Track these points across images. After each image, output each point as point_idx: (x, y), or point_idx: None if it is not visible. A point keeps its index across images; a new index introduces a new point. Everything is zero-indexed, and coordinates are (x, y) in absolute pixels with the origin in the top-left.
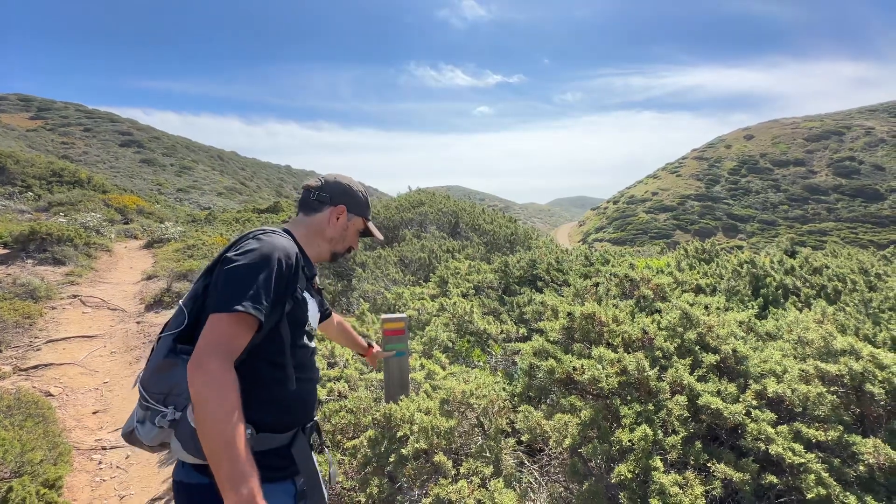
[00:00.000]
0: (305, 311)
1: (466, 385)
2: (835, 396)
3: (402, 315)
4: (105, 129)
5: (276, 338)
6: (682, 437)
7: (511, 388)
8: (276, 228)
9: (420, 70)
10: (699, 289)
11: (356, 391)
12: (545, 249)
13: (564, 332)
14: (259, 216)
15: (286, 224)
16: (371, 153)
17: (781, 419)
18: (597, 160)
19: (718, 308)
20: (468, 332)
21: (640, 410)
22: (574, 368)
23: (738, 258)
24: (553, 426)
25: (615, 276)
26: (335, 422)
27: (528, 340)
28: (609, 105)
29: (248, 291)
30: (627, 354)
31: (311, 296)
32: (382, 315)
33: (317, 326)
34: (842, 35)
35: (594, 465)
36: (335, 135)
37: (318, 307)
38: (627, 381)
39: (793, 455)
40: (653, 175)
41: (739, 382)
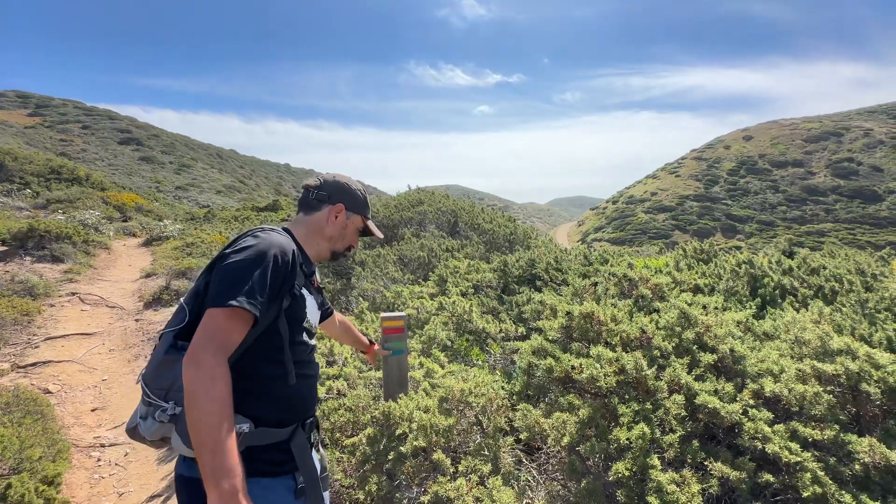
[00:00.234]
0: (303, 308)
1: (465, 383)
2: (831, 396)
3: (402, 314)
4: (104, 127)
5: (275, 334)
6: (680, 436)
7: (510, 387)
8: (275, 227)
9: (420, 69)
10: (697, 289)
11: (355, 389)
12: (544, 249)
13: (563, 331)
14: (258, 214)
15: (286, 223)
16: (370, 152)
17: (778, 418)
18: (596, 160)
19: (716, 308)
20: (467, 331)
21: (638, 409)
22: (572, 367)
23: (737, 258)
24: (551, 424)
25: (614, 276)
26: (334, 420)
27: (527, 339)
28: (608, 105)
29: (244, 287)
30: (626, 353)
31: (310, 293)
32: (382, 313)
33: (317, 324)
34: (841, 36)
35: (592, 464)
36: (334, 133)
37: (318, 305)
38: (625, 380)
39: (789, 454)
40: (652, 175)
41: (737, 382)
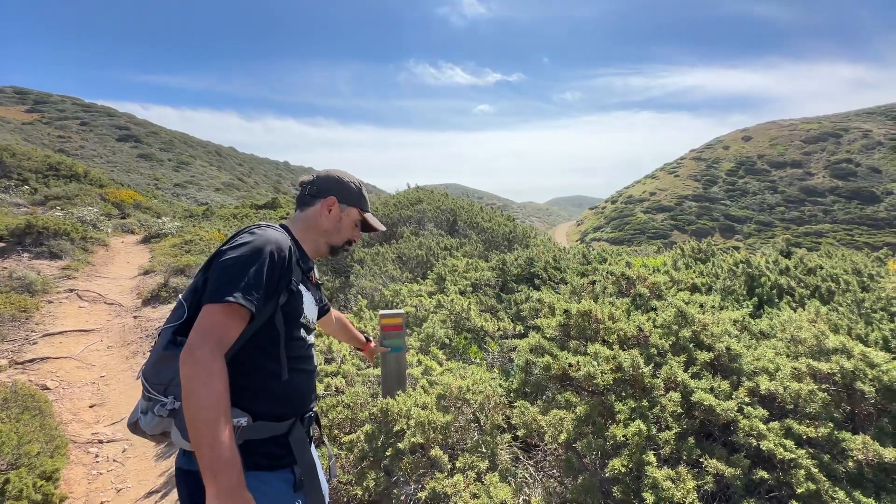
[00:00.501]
0: (301, 304)
1: (463, 381)
2: (826, 394)
3: (400, 311)
4: (102, 124)
5: (271, 330)
6: (676, 433)
7: (507, 385)
8: (272, 223)
9: (419, 67)
10: (695, 288)
11: (353, 386)
12: (543, 248)
13: (561, 329)
14: (257, 212)
15: (284, 220)
16: (370, 150)
17: (773, 416)
18: (595, 160)
19: (713, 307)
20: (465, 329)
21: (635, 406)
22: (570, 365)
23: (734, 258)
24: (549, 421)
25: (612, 275)
26: (332, 416)
27: (525, 337)
28: (608, 105)
29: (240, 283)
30: (623, 351)
31: (308, 289)
32: (380, 311)
33: (315, 320)
34: (840, 37)
35: (588, 461)
36: (334, 131)
37: (316, 301)
38: (622, 378)
39: (784, 451)
40: (651, 175)
41: (733, 380)
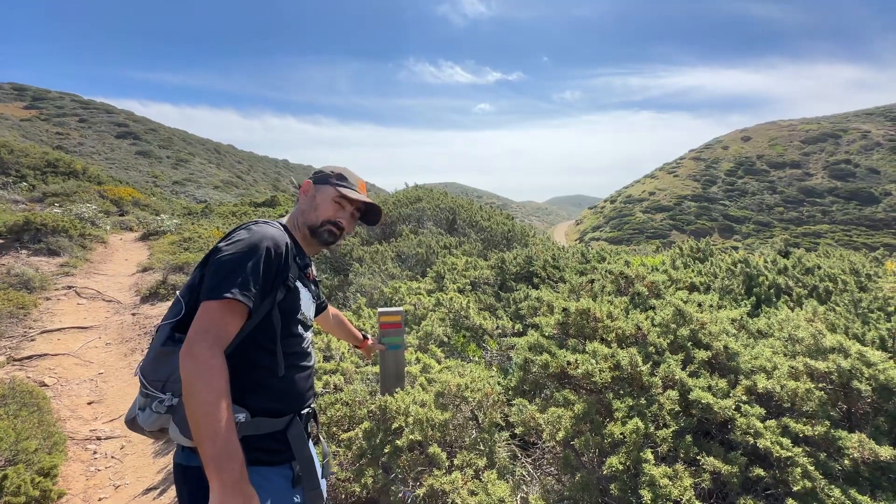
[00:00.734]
0: (298, 301)
1: (461, 379)
2: (823, 393)
3: (399, 308)
4: (101, 121)
5: (268, 326)
6: (673, 431)
7: (505, 383)
8: (270, 220)
9: (419, 66)
10: (693, 287)
11: (352, 384)
12: (542, 247)
13: (559, 328)
14: (256, 210)
15: (282, 218)
16: (369, 148)
17: (770, 414)
18: (595, 159)
19: (711, 306)
20: (464, 327)
21: (633, 404)
22: (568, 363)
23: (732, 258)
24: (547, 419)
25: (610, 273)
26: (331, 414)
27: (524, 336)
28: (607, 104)
29: (237, 279)
30: (621, 350)
31: (305, 286)
32: (379, 308)
33: (312, 317)
34: (840, 38)
35: (586, 458)
36: (333, 129)
37: (313, 297)
38: (620, 376)
39: (780, 449)
40: (650, 175)
41: (730, 378)
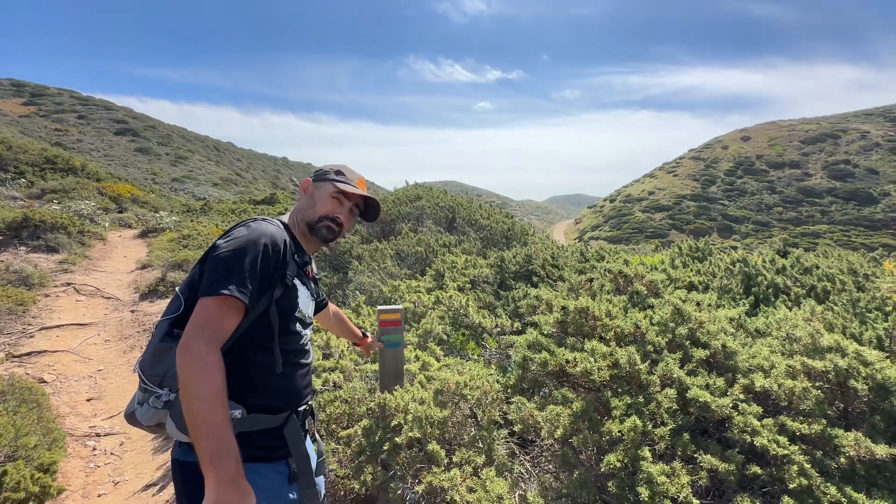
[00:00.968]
0: (295, 298)
1: (461, 376)
2: (820, 392)
3: (399, 306)
4: (99, 117)
5: (266, 323)
6: (671, 429)
7: (504, 381)
8: (269, 217)
9: (419, 64)
10: (692, 286)
11: (351, 382)
12: (541, 245)
13: (558, 326)
14: (255, 207)
15: (282, 216)
16: (369, 146)
17: (767, 413)
18: (594, 158)
19: (710, 305)
20: (463, 326)
21: (631, 403)
22: (567, 361)
23: (731, 257)
24: (545, 417)
25: (609, 272)
26: (330, 411)
27: (523, 334)
28: (607, 103)
29: (234, 276)
30: (619, 348)
31: (303, 283)
32: (379, 306)
33: (310, 314)
34: (840, 38)
35: (584, 456)
36: (333, 127)
37: (312, 295)
38: (619, 375)
39: (777, 447)
40: (650, 174)
41: (728, 377)
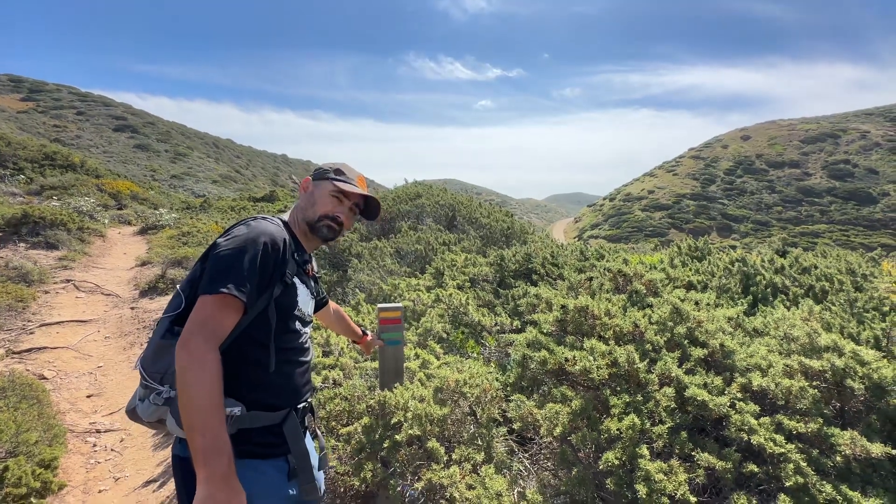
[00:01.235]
0: (295, 297)
1: (460, 374)
2: (817, 391)
3: (398, 304)
4: (98, 113)
5: (265, 321)
6: (669, 427)
7: (504, 379)
8: (269, 216)
9: (419, 61)
10: (691, 285)
11: (351, 379)
12: (541, 244)
13: (558, 325)
14: (255, 205)
15: (282, 214)
16: (369, 144)
17: (765, 411)
18: (594, 157)
19: (708, 304)
20: (463, 324)
21: (629, 401)
22: (566, 360)
23: (730, 256)
24: (544, 415)
25: (609, 271)
26: (330, 409)
27: (522, 332)
28: (607, 102)
29: (234, 274)
30: (618, 347)
31: (303, 282)
32: (379, 304)
33: (310, 312)
34: (840, 38)
35: (583, 454)
36: (332, 125)
37: (312, 293)
38: (617, 373)
39: (774, 445)
40: (649, 173)
41: (726, 376)
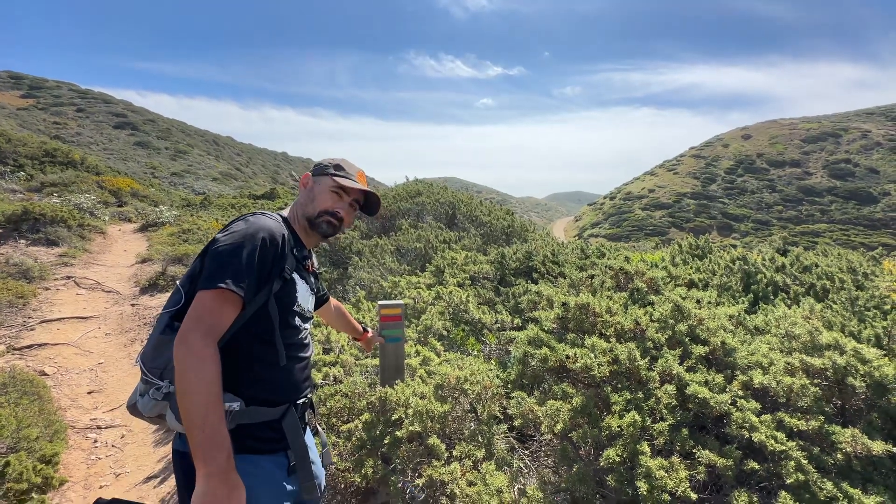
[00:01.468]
0: (294, 292)
1: (461, 371)
2: (818, 389)
3: (399, 302)
4: (98, 111)
5: (264, 317)
6: (670, 425)
7: (504, 376)
8: (268, 212)
9: (420, 59)
10: (692, 283)
11: (351, 376)
12: (541, 242)
13: (559, 322)
14: (255, 202)
15: (282, 210)
16: (369, 142)
17: (766, 409)
18: (595, 155)
19: (710, 302)
20: (463, 321)
21: (630, 398)
22: (567, 357)
23: (731, 255)
24: (545, 412)
25: (610, 269)
26: (331, 405)
27: (523, 330)
28: (608, 100)
29: (232, 269)
30: (619, 344)
31: (302, 277)
32: (379, 301)
33: (310, 308)
34: (841, 37)
35: (584, 451)
36: (333, 123)
37: (312, 289)
38: (618, 370)
39: (775, 443)
40: (650, 172)
41: (727, 373)
